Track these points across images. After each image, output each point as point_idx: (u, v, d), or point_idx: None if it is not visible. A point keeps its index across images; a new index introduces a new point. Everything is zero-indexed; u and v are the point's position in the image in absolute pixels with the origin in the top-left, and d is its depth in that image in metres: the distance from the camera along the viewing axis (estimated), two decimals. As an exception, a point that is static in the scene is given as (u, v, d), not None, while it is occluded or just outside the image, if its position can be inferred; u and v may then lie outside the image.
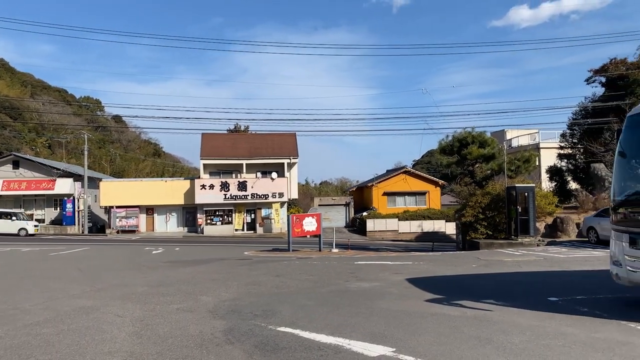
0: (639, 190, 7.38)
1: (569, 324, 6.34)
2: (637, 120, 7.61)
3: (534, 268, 12.57)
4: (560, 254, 16.20)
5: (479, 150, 27.46)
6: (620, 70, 31.98)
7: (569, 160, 36.14)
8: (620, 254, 7.38)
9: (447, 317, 6.85)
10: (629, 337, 5.61)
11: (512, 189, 21.39)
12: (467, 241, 22.46)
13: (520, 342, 5.49)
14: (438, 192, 49.75)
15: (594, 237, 19.51)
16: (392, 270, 12.56)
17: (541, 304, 7.70)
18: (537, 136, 45.55)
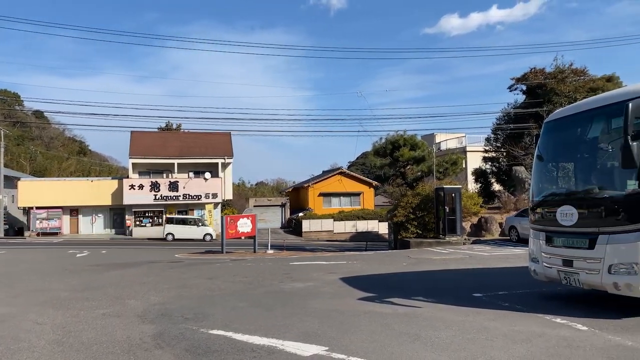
0: (555, 191, 7.92)
1: (492, 318, 6.68)
2: (553, 127, 8.17)
3: (460, 266, 13.15)
4: (484, 252, 17.07)
5: (410, 153, 28.38)
6: (539, 79, 34.19)
7: (493, 163, 38.17)
8: (537, 252, 7.88)
9: (379, 315, 7.01)
10: (545, 329, 6.01)
11: (441, 190, 22.28)
12: (399, 240, 23.13)
13: (447, 337, 5.72)
14: (372, 192, 50.85)
15: (515, 236, 20.72)
16: (326, 270, 12.69)
17: (467, 299, 8.07)
18: (464, 140, 47.78)
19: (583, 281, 6.90)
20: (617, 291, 6.44)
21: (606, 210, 6.65)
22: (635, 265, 6.17)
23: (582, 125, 7.58)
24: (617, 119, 6.54)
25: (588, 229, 6.80)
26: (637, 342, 5.35)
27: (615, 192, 6.70)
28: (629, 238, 6.27)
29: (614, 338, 5.52)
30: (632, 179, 6.41)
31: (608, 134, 7.03)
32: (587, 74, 34.70)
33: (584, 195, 7.14)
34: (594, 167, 7.45)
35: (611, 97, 7.38)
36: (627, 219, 6.33)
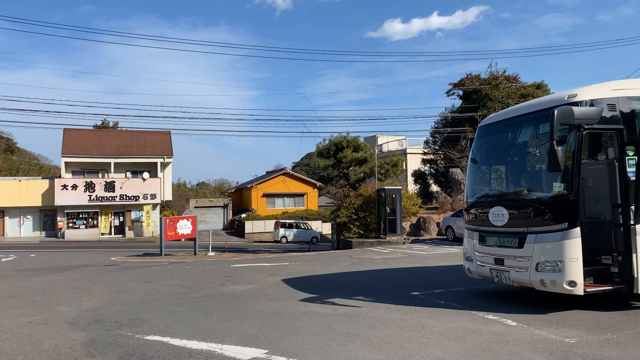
0: (487, 193, 8.28)
1: (428, 316, 6.89)
2: (486, 131, 8.54)
3: (399, 265, 13.46)
4: (422, 251, 17.57)
5: (353, 154, 28.77)
6: (475, 85, 35.68)
7: (431, 165, 39.41)
8: (471, 251, 8.21)
9: (319, 316, 7.05)
10: (477, 325, 6.26)
11: (382, 191, 22.74)
12: (342, 240, 23.40)
13: (385, 336, 5.84)
14: (316, 193, 51.12)
15: (451, 235, 21.48)
16: (268, 272, 12.61)
17: (405, 298, 8.27)
18: (404, 142, 49.04)
19: (513, 279, 7.25)
20: (544, 288, 6.81)
21: (534, 211, 7.02)
22: (560, 262, 6.54)
23: (513, 130, 7.97)
24: (544, 125, 6.92)
25: (517, 229, 7.15)
26: (560, 335, 5.68)
27: (542, 194, 7.10)
28: (554, 237, 6.65)
29: (540, 332, 5.84)
30: (557, 182, 6.81)
31: (536, 139, 7.43)
32: (518, 81, 36.58)
33: (514, 196, 7.51)
34: (524, 170, 7.85)
35: (538, 104, 7.81)
36: (552, 219, 6.71)
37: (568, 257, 6.48)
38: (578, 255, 6.48)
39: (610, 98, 6.88)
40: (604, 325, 6.06)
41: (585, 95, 6.89)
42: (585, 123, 6.64)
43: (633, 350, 5.03)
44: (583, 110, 6.63)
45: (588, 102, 6.79)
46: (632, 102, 6.97)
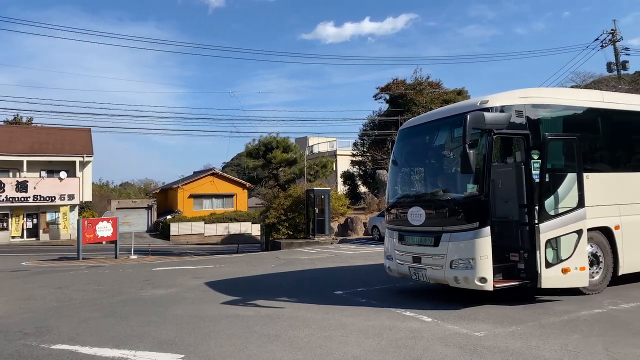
0: (407, 193, 8.55)
1: (349, 314, 7.00)
2: (406, 134, 8.84)
3: (326, 265, 13.60)
4: (349, 250, 17.88)
5: (283, 155, 28.73)
6: (401, 90, 36.86)
7: (359, 167, 40.22)
8: (391, 250, 8.45)
9: (241, 318, 6.95)
10: (395, 322, 6.44)
11: (311, 191, 22.90)
12: (270, 242, 23.30)
13: (306, 336, 5.86)
14: (245, 194, 50.50)
15: (377, 235, 22.02)
16: (192, 275, 12.29)
17: (328, 298, 8.36)
18: (334, 144, 49.66)
19: (429, 276, 7.54)
20: (457, 284, 7.14)
21: (448, 211, 7.35)
22: (472, 260, 6.89)
23: (430, 133, 8.30)
24: (458, 129, 7.23)
25: (433, 228, 7.45)
26: (470, 329, 5.97)
27: (456, 194, 7.43)
28: (467, 236, 6.99)
29: (452, 327, 6.10)
30: (469, 183, 7.16)
31: (451, 142, 7.76)
32: (441, 87, 38.24)
33: (430, 197, 7.82)
34: (440, 172, 8.19)
35: (453, 109, 8.19)
36: (465, 218, 7.05)
37: (479, 254, 6.83)
38: (488, 253, 6.85)
39: (518, 105, 7.33)
40: (510, 318, 6.45)
41: (496, 102, 7.30)
42: (495, 128, 7.03)
43: (534, 341, 5.38)
44: (493, 116, 7.02)
45: (498, 108, 7.20)
46: (537, 109, 7.48)
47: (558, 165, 7.47)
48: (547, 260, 7.00)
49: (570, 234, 7.16)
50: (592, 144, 8.17)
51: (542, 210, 7.07)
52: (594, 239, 7.68)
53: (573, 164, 7.42)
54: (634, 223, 8.05)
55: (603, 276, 7.82)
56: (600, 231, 7.80)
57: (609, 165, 8.27)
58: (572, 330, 5.74)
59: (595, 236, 7.71)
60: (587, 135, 7.94)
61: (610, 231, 7.87)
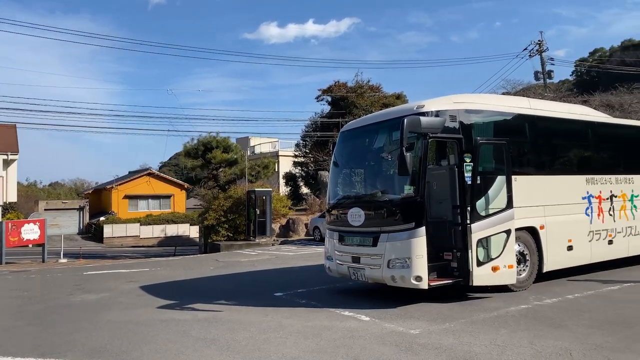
0: (347, 194, 8.66)
1: (288, 316, 6.99)
2: (346, 136, 8.95)
3: (266, 266, 13.52)
4: (290, 252, 17.86)
5: (223, 155, 28.23)
6: (342, 92, 37.29)
7: (302, 168, 40.27)
8: (332, 250, 8.52)
9: (177, 322, 6.77)
10: (334, 322, 6.50)
11: (252, 192, 22.70)
12: (210, 244, 22.86)
13: (244, 339, 5.79)
14: (183, 195, 49.25)
15: (318, 236, 22.14)
16: (126, 279, 11.83)
17: (268, 299, 8.31)
18: (277, 144, 49.46)
19: (368, 276, 7.68)
20: (394, 283, 7.31)
21: (387, 212, 7.51)
22: (408, 259, 7.07)
23: (370, 136, 8.45)
24: (396, 132, 7.41)
25: (372, 229, 7.59)
26: (406, 327, 6.13)
27: (394, 196, 7.62)
28: (403, 236, 7.17)
29: (389, 326, 6.24)
30: (407, 185, 7.36)
31: (389, 145, 7.95)
32: (381, 91, 39.04)
33: (369, 198, 7.97)
34: (379, 173, 8.36)
35: (391, 113, 8.39)
36: (402, 219, 7.24)
37: (415, 254, 7.03)
38: (424, 252, 7.07)
39: (452, 110, 7.62)
40: (444, 315, 6.68)
41: (431, 107, 7.55)
42: (431, 132, 7.27)
43: (465, 337, 5.60)
44: (429, 120, 7.25)
45: (433, 113, 7.45)
46: (470, 114, 7.80)
47: (489, 168, 7.82)
48: (479, 259, 7.31)
49: (499, 234, 7.52)
50: (520, 148, 8.63)
51: (473, 211, 7.37)
52: (521, 238, 8.10)
53: (502, 167, 7.80)
54: (557, 223, 8.58)
55: (529, 273, 8.27)
56: (527, 231, 8.25)
57: (534, 168, 8.76)
58: (500, 326, 6.02)
59: (522, 235, 8.14)
60: (515, 139, 8.38)
61: (536, 231, 8.34)
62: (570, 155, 9.77)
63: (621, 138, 10.75)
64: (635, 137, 10.91)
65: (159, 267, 14.54)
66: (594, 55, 61.93)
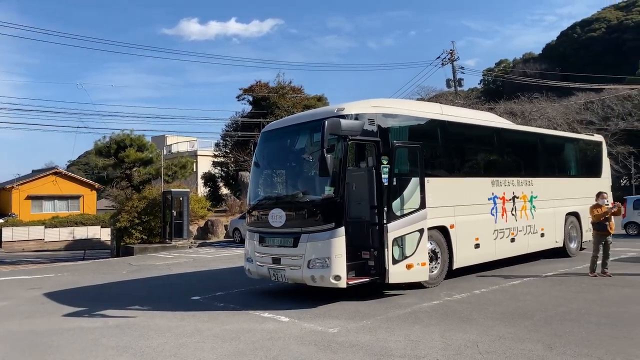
0: (269, 195, 8.62)
1: (206, 319, 6.83)
2: (268, 137, 8.92)
3: (183, 270, 13.11)
4: (209, 254, 17.47)
5: (137, 154, 26.98)
6: (264, 92, 37.12)
7: (222, 168, 39.55)
8: (252, 252, 8.44)
9: (85, 330, 6.38)
10: (253, 325, 6.44)
11: (169, 193, 21.94)
12: (122, 247, 21.77)
13: (159, 345, 5.58)
14: (94, 196, 46.49)
15: (238, 237, 21.85)
16: (28, 286, 10.96)
17: (185, 304, 8.06)
18: (195, 144, 48.18)
19: (288, 276, 7.69)
20: (314, 283, 7.38)
21: (307, 213, 7.57)
22: (328, 259, 7.18)
23: (291, 137, 8.48)
24: (317, 134, 7.50)
25: (293, 229, 7.62)
26: (325, 326, 6.21)
27: (314, 196, 7.69)
28: (324, 236, 7.27)
29: (309, 325, 6.29)
30: (327, 186, 7.46)
31: (310, 146, 8.02)
32: (303, 92, 39.33)
33: (290, 199, 7.99)
34: (300, 174, 8.41)
35: (312, 115, 8.48)
36: (322, 219, 7.33)
37: (334, 254, 7.15)
38: (343, 252, 7.21)
39: (370, 114, 7.84)
40: (362, 313, 6.85)
41: (351, 110, 7.72)
42: (351, 134, 7.43)
43: (382, 334, 5.78)
44: (349, 123, 7.41)
45: (353, 116, 7.62)
46: (387, 118, 8.07)
47: (404, 170, 8.13)
48: (394, 257, 7.58)
49: (413, 233, 7.85)
50: (433, 151, 9.07)
51: (390, 211, 7.63)
52: (433, 237, 8.51)
53: (416, 169, 8.15)
54: (466, 222, 9.11)
55: (441, 270, 8.71)
56: (439, 230, 8.68)
57: (446, 170, 9.24)
58: (414, 322, 6.28)
59: (434, 234, 8.55)
60: (428, 143, 8.79)
61: (446, 230, 8.80)
62: (477, 158, 10.42)
63: (522, 143, 11.65)
64: (535, 143, 11.88)
65: (66, 273, 13.61)
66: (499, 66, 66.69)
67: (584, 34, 63.60)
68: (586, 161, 13.51)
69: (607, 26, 62.17)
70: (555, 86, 36.86)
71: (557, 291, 8.03)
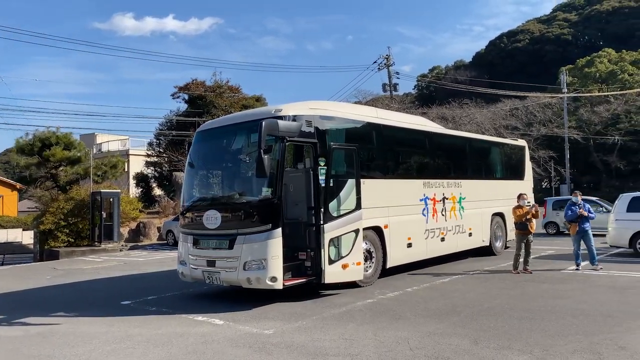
0: (204, 196, 8.46)
1: (137, 324, 6.60)
2: (203, 137, 8.76)
3: (113, 273, 12.58)
4: (140, 257, 16.86)
5: (63, 153, 25.61)
6: (200, 91, 36.30)
7: (155, 168, 38.25)
8: (185, 254, 8.25)
9: (4, 340, 5.99)
10: (187, 328, 6.30)
11: (98, 194, 21.01)
12: (46, 251, 20.55)
13: (85, 352, 5.33)
14: (15, 196, 43.52)
15: (172, 240, 21.23)
16: (-64, 294, 10.09)
17: (114, 309, 7.75)
18: (127, 143, 46.37)
19: (223, 279, 7.59)
20: (250, 285, 7.34)
21: (244, 214, 7.52)
22: (264, 261, 7.15)
23: (228, 137, 8.39)
24: (254, 134, 7.46)
25: (229, 231, 7.53)
26: (260, 328, 6.19)
27: (251, 198, 7.66)
28: (260, 237, 7.23)
29: (243, 328, 6.24)
30: (264, 187, 7.44)
31: (248, 147, 7.97)
32: (241, 92, 38.81)
33: (226, 200, 7.90)
34: (236, 175, 8.33)
35: (250, 115, 8.44)
36: (259, 220, 7.30)
37: (271, 255, 7.14)
38: (279, 253, 7.21)
39: (308, 115, 7.89)
40: (297, 314, 6.88)
41: (289, 111, 7.74)
42: (288, 135, 7.45)
43: (317, 334, 5.84)
44: (286, 124, 7.43)
45: (291, 117, 7.65)
46: (324, 121, 8.16)
47: (340, 172, 8.26)
48: (330, 257, 7.67)
49: (349, 233, 7.99)
50: (368, 153, 9.28)
51: (326, 212, 7.72)
52: (368, 237, 8.70)
53: (353, 171, 8.30)
54: (399, 222, 9.39)
55: (375, 269, 8.91)
56: (373, 230, 8.89)
57: (381, 172, 9.48)
58: (349, 320, 6.40)
59: (369, 234, 8.75)
60: (364, 145, 8.99)
61: (381, 230, 9.02)
62: (411, 161, 10.77)
63: (452, 147, 12.17)
64: (463, 146, 12.44)
65: (-19, 279, 12.65)
66: (432, 72, 69.22)
67: (510, 44, 67.33)
68: (511, 164, 14.31)
69: (530, 38, 66.19)
70: (484, 93, 38.80)
71: (483, 288, 8.45)
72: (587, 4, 70.14)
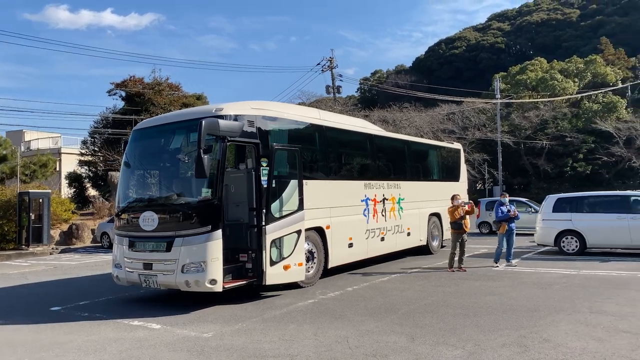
0: (140, 197, 8.18)
1: (68, 331, 6.29)
2: (140, 136, 8.47)
3: (42, 278, 11.91)
4: (72, 261, 16.07)
5: (-13, 150, 24.03)
6: (138, 88, 35.09)
7: (89, 168, 36.59)
8: (120, 257, 7.95)
9: None
10: (121, 334, 6.07)
11: (26, 194, 19.83)
12: (-34, 255, 19.13)
13: (9, 363, 5.02)
14: None
15: (107, 242, 20.38)
16: None
17: (43, 315, 7.34)
18: (59, 141, 44.09)
19: (160, 282, 7.37)
20: (189, 288, 7.17)
21: (182, 215, 7.33)
22: (203, 263, 7.01)
23: (166, 136, 8.15)
24: (193, 134, 7.31)
25: (166, 233, 7.32)
26: (199, 331, 6.07)
27: (190, 199, 7.49)
28: (200, 239, 7.09)
29: (181, 331, 6.09)
30: (204, 187, 7.30)
31: (186, 147, 7.78)
32: (181, 90, 37.87)
33: (164, 201, 7.68)
34: (175, 175, 8.11)
35: (189, 113, 8.25)
36: (198, 222, 7.15)
37: (210, 257, 7.01)
38: (219, 255, 7.09)
39: (250, 115, 7.82)
40: (237, 316, 6.80)
41: (230, 110, 7.64)
42: (229, 135, 7.35)
43: (256, 335, 5.80)
44: (227, 124, 7.32)
45: (232, 117, 7.55)
46: (267, 121, 8.12)
47: (283, 173, 8.25)
48: (272, 258, 7.64)
49: (291, 234, 7.99)
50: (311, 154, 9.34)
51: (268, 213, 7.68)
52: (310, 237, 8.75)
53: (295, 171, 8.31)
54: (341, 223, 9.50)
55: (317, 270, 8.97)
56: (315, 230, 8.94)
57: (323, 173, 9.56)
58: (289, 321, 6.40)
59: (311, 235, 8.79)
60: (307, 146, 9.03)
61: (322, 230, 9.09)
62: (352, 162, 10.94)
63: (392, 149, 12.47)
64: (402, 149, 12.78)
65: None
66: (374, 76, 70.50)
67: (448, 50, 69.83)
68: (447, 166, 14.85)
69: (467, 45, 68.93)
70: (423, 97, 40.03)
71: (420, 286, 8.71)
72: (518, 15, 74.06)
